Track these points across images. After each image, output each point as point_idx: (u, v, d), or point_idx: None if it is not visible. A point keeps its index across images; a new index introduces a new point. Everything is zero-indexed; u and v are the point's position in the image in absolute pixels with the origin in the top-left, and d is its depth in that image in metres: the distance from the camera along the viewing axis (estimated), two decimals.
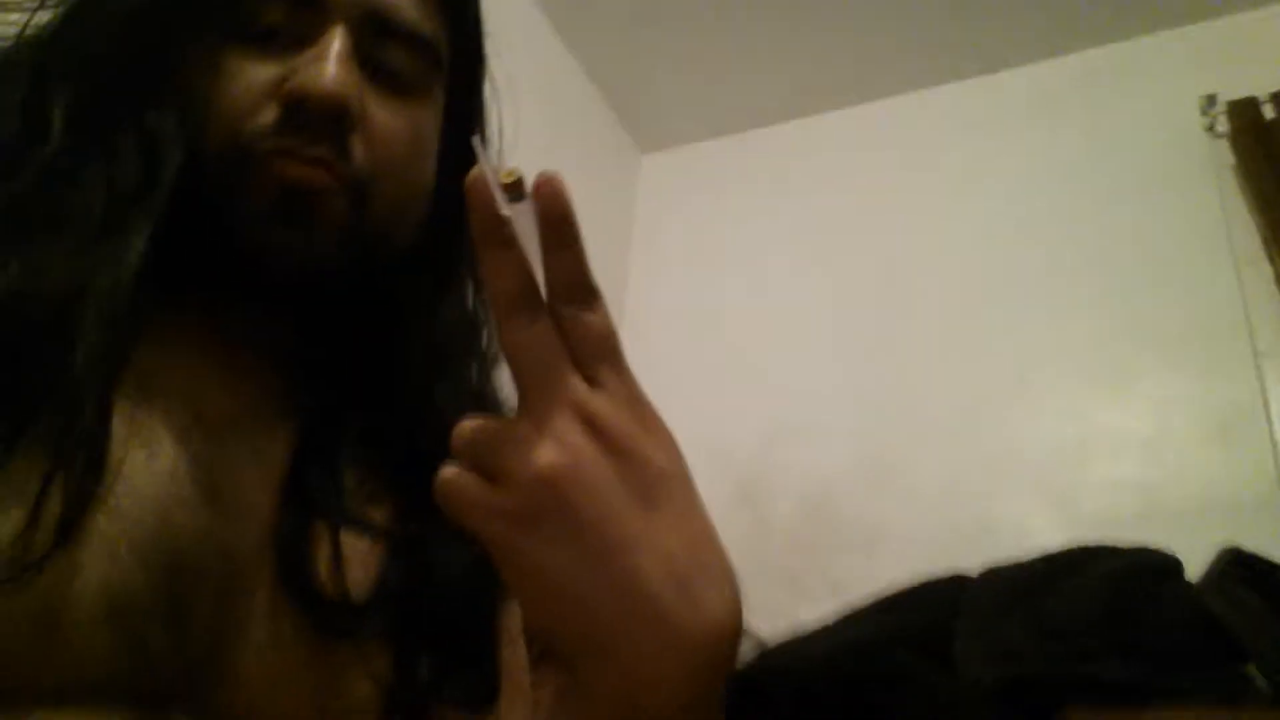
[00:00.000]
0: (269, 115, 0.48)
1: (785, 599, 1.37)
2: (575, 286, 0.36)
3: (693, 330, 1.81)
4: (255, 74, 0.48)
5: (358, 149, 0.49)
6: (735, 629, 0.35)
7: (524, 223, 0.35)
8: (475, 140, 0.36)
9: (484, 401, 0.59)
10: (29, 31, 0.48)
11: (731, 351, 1.76)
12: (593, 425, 0.34)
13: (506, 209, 0.34)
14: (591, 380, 0.35)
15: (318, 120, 0.47)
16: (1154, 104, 1.63)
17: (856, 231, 1.76)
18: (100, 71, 0.47)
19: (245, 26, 0.49)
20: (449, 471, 0.35)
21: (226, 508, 0.46)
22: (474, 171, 0.35)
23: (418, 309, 0.56)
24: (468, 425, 0.35)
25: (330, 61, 0.47)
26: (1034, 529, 1.39)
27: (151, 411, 0.45)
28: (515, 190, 0.35)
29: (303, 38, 0.49)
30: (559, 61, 1.74)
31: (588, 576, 0.33)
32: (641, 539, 0.34)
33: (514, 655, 0.53)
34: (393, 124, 0.51)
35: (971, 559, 1.16)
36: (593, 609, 0.34)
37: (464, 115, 0.59)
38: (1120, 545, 1.10)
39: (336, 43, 0.48)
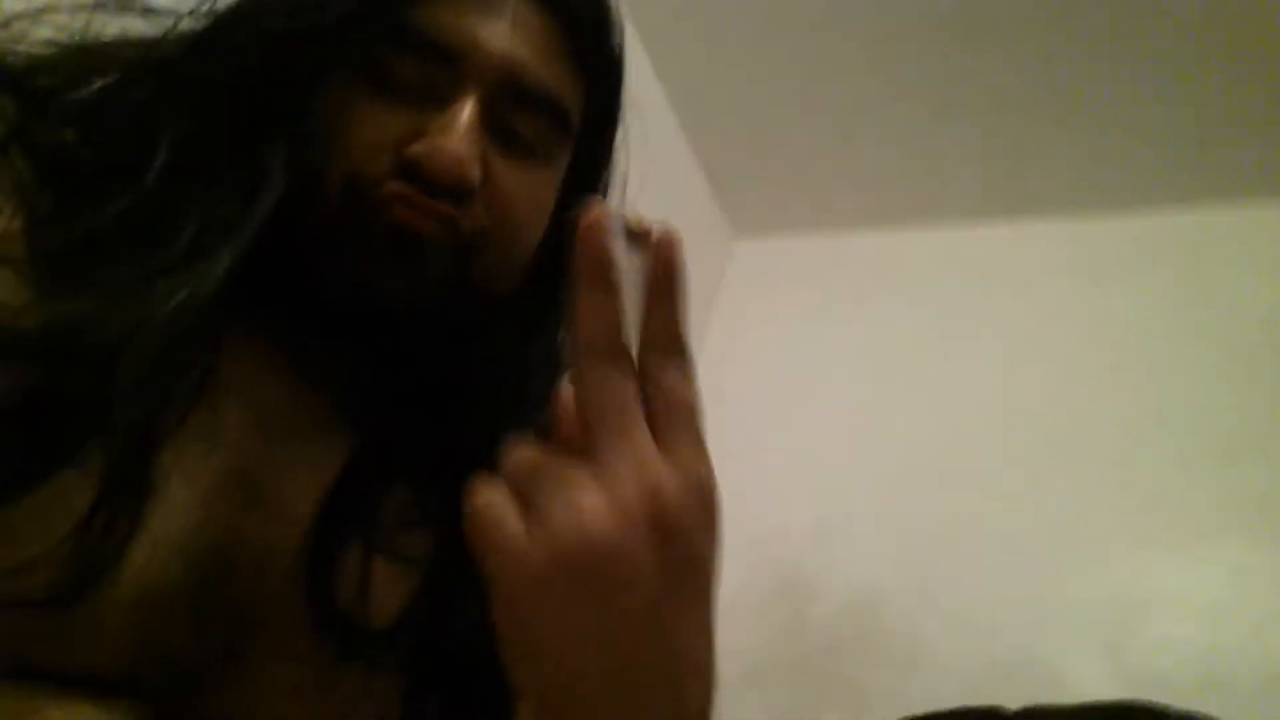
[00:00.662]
0: (388, 163, 0.48)
1: (810, 703, 1.34)
2: (671, 344, 0.35)
3: (757, 414, 1.80)
4: (383, 122, 0.48)
5: (476, 210, 0.49)
6: None
7: (629, 274, 0.34)
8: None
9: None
10: (160, 50, 0.48)
11: (793, 442, 1.74)
12: (653, 495, 0.32)
13: (619, 253, 0.34)
14: (664, 446, 0.33)
15: (437, 187, 0.47)
16: (1262, 270, 1.60)
17: (934, 349, 1.75)
18: (220, 99, 0.47)
19: (379, 71, 0.49)
20: (489, 495, 0.34)
21: (270, 512, 0.47)
22: (594, 211, 0.34)
23: (501, 348, 0.55)
24: (526, 452, 0.34)
25: (457, 136, 0.47)
26: (1080, 676, 1.33)
27: (214, 407, 0.45)
28: (631, 238, 0.35)
29: (435, 94, 0.49)
30: (668, 133, 1.77)
31: (590, 653, 0.32)
32: (654, 631, 0.33)
33: None
34: (515, 189, 0.51)
35: (1010, 695, 1.12)
36: (580, 682, 0.33)
37: (586, 169, 0.59)
38: (1172, 710, 1.05)
39: (466, 114, 0.48)
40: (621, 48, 0.57)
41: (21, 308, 0.40)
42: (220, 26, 0.48)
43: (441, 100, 0.49)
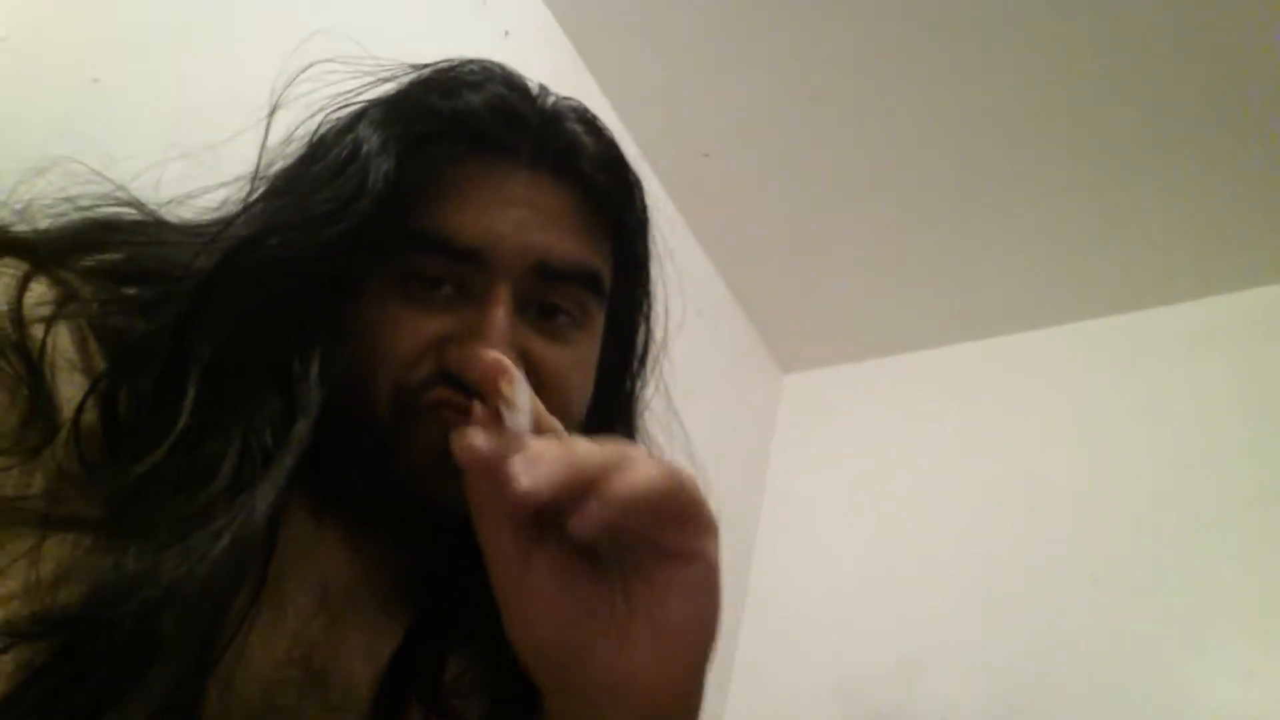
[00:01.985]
0: (430, 368, 0.48)
1: None
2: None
3: (828, 555, 1.76)
4: (419, 328, 0.49)
5: None
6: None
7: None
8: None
9: None
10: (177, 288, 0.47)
11: (865, 578, 1.69)
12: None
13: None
14: None
15: (478, 390, 0.47)
16: None
17: (1001, 461, 1.71)
18: (247, 320, 0.46)
19: (410, 277, 0.49)
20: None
21: (330, 695, 0.47)
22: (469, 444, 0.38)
23: None
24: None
25: (489, 342, 0.47)
26: None
27: (279, 585, 0.45)
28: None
29: (466, 289, 0.50)
30: (704, 277, 1.81)
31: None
32: None
33: None
34: (558, 366, 0.52)
35: None
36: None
37: (625, 315, 0.60)
38: None
39: (496, 317, 0.48)
40: (644, 201, 0.59)
41: (58, 573, 0.38)
42: (235, 249, 0.47)
43: (473, 297, 0.50)
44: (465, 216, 0.50)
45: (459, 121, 0.52)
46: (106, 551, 0.39)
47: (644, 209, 0.59)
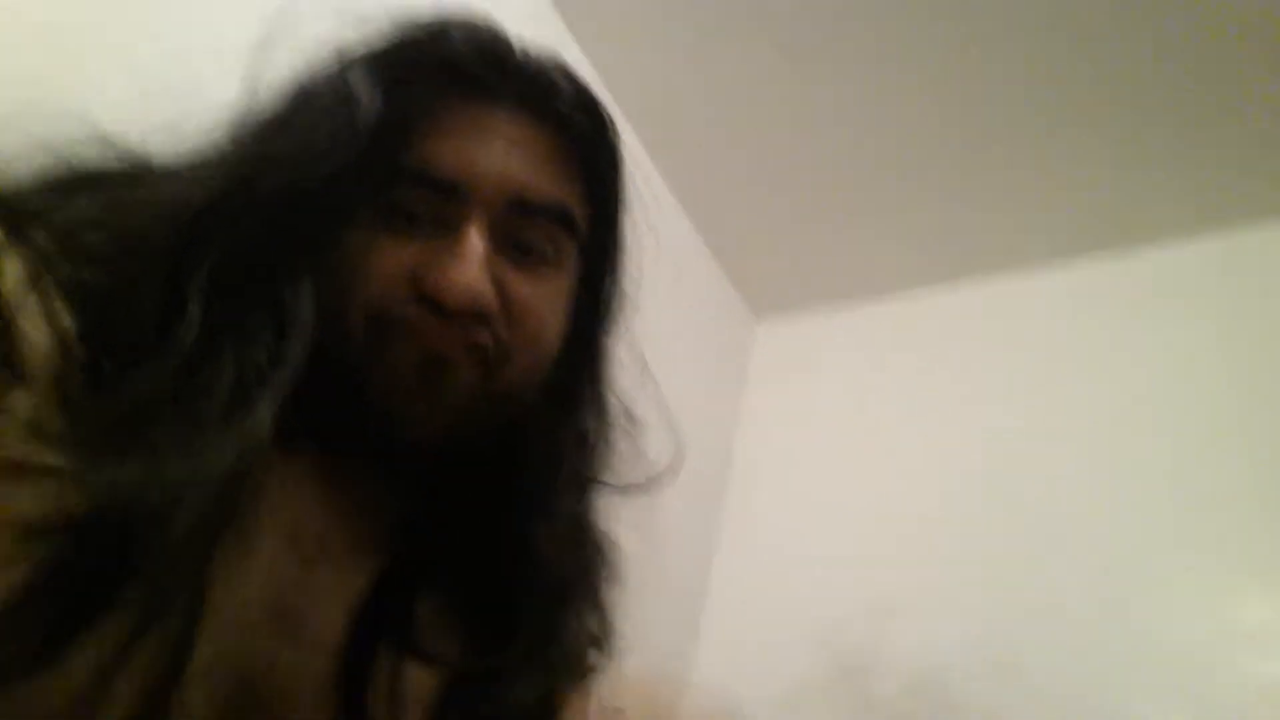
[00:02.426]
0: (407, 293, 0.50)
1: None
2: None
3: (799, 503, 1.77)
4: (397, 255, 0.50)
5: (496, 327, 0.52)
6: None
7: None
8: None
9: (584, 531, 0.61)
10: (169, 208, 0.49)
11: (839, 524, 1.70)
12: None
13: None
14: None
15: (455, 314, 0.49)
16: None
17: (978, 409, 1.72)
18: (242, 252, 0.48)
19: (391, 208, 0.51)
20: None
21: (301, 638, 0.47)
22: None
23: (530, 449, 0.57)
24: None
25: (466, 264, 0.50)
26: None
27: (248, 533, 0.46)
28: None
29: (445, 223, 0.51)
30: (673, 220, 1.79)
31: None
32: None
33: None
34: (531, 300, 0.53)
35: None
36: None
37: (597, 263, 0.61)
38: None
39: (473, 241, 0.51)
40: (618, 144, 0.60)
41: (60, 484, 0.39)
42: (232, 179, 0.49)
43: (450, 229, 0.51)
44: (445, 150, 0.52)
45: (443, 61, 0.54)
46: (96, 469, 0.39)
47: (618, 153, 0.60)
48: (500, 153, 0.53)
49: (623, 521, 0.65)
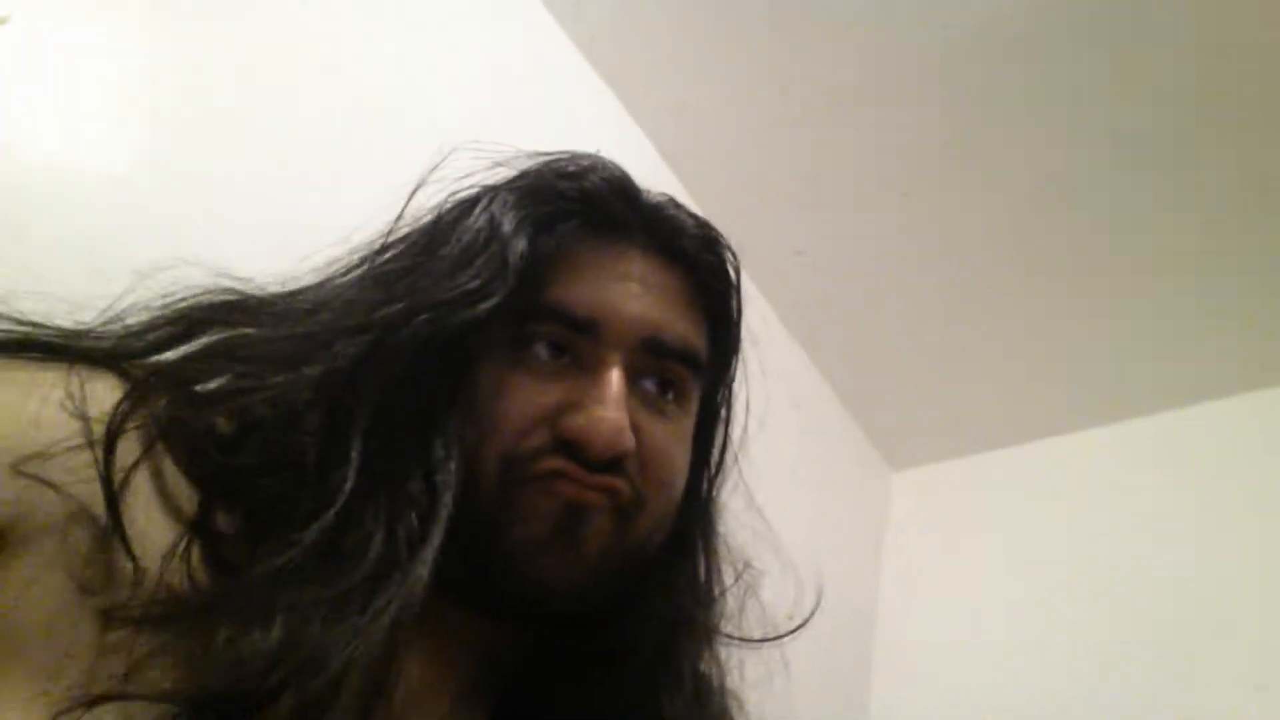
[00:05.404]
0: (544, 437, 0.48)
1: None
2: None
3: (950, 655, 1.68)
4: (534, 396, 0.49)
5: (632, 475, 0.50)
6: None
7: None
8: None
9: (704, 682, 0.57)
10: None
11: (988, 675, 1.62)
12: None
13: None
14: None
15: (598, 460, 0.48)
16: None
17: (1121, 551, 1.62)
18: (393, 402, 0.47)
19: (525, 347, 0.51)
20: None
21: None
22: None
23: (650, 599, 0.55)
24: None
25: (608, 407, 0.48)
26: None
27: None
28: None
29: (582, 363, 0.51)
30: (801, 371, 1.79)
31: None
32: None
33: None
34: (663, 443, 0.53)
35: None
36: None
37: (713, 406, 0.61)
38: None
39: (614, 384, 0.50)
40: (740, 288, 0.61)
41: (194, 649, 0.38)
42: (382, 325, 0.48)
43: (587, 368, 0.51)
44: (584, 288, 0.52)
45: (584, 201, 0.55)
46: (241, 637, 0.38)
47: (740, 297, 0.61)
48: (636, 292, 0.53)
49: (759, 679, 0.62)
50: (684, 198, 1.48)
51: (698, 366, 0.56)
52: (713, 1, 1.33)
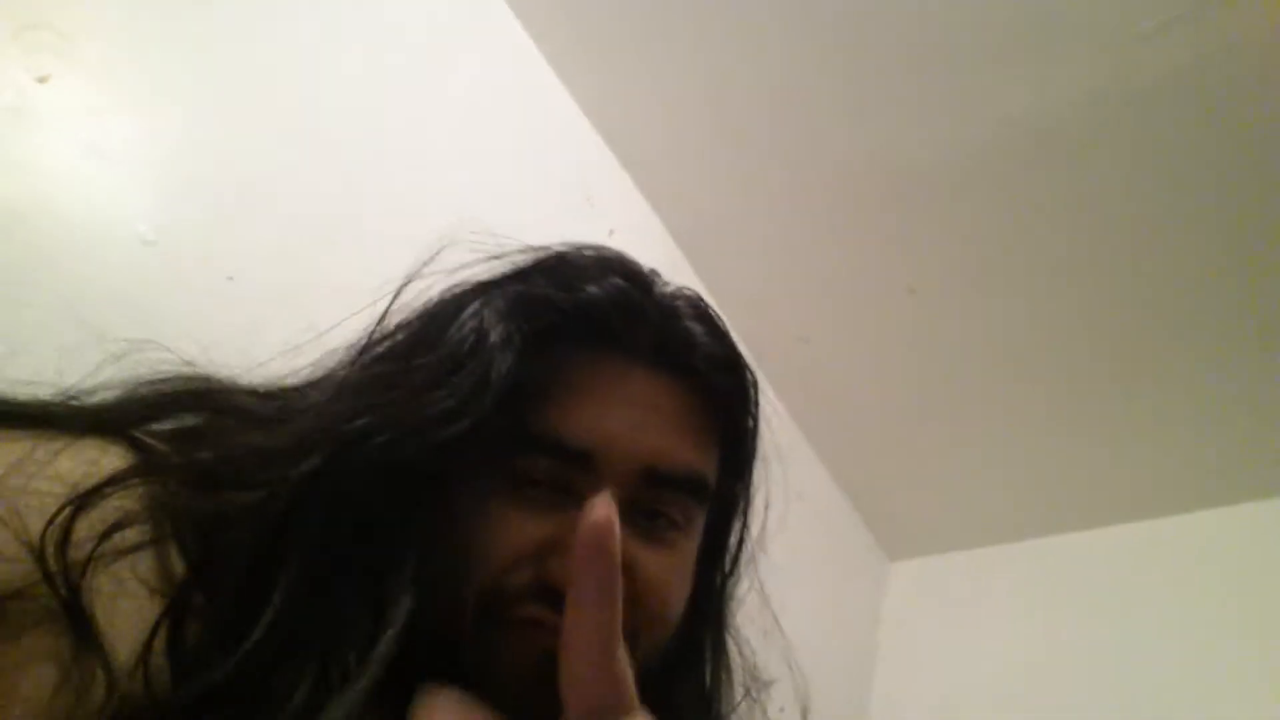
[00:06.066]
0: (527, 577, 0.45)
1: None
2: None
3: None
4: (519, 530, 0.46)
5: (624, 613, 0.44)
6: None
7: None
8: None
9: None
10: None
11: None
12: None
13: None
14: None
15: None
16: None
17: (1118, 654, 1.60)
18: (346, 522, 0.43)
19: (514, 476, 0.47)
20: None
21: None
22: (598, 512, 0.38)
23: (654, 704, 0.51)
24: None
25: None
26: None
27: None
28: None
29: (570, 492, 0.47)
30: (804, 461, 1.80)
31: None
32: None
33: None
34: (659, 576, 0.49)
35: None
36: None
37: (724, 513, 0.58)
38: None
39: None
40: (758, 403, 0.57)
41: None
42: (343, 445, 0.44)
43: (578, 501, 0.44)
44: (580, 416, 0.48)
45: (580, 314, 0.50)
46: None
47: (757, 411, 0.57)
48: (637, 419, 0.49)
49: None
50: (689, 273, 1.54)
51: (702, 494, 0.52)
52: (726, 92, 1.37)
